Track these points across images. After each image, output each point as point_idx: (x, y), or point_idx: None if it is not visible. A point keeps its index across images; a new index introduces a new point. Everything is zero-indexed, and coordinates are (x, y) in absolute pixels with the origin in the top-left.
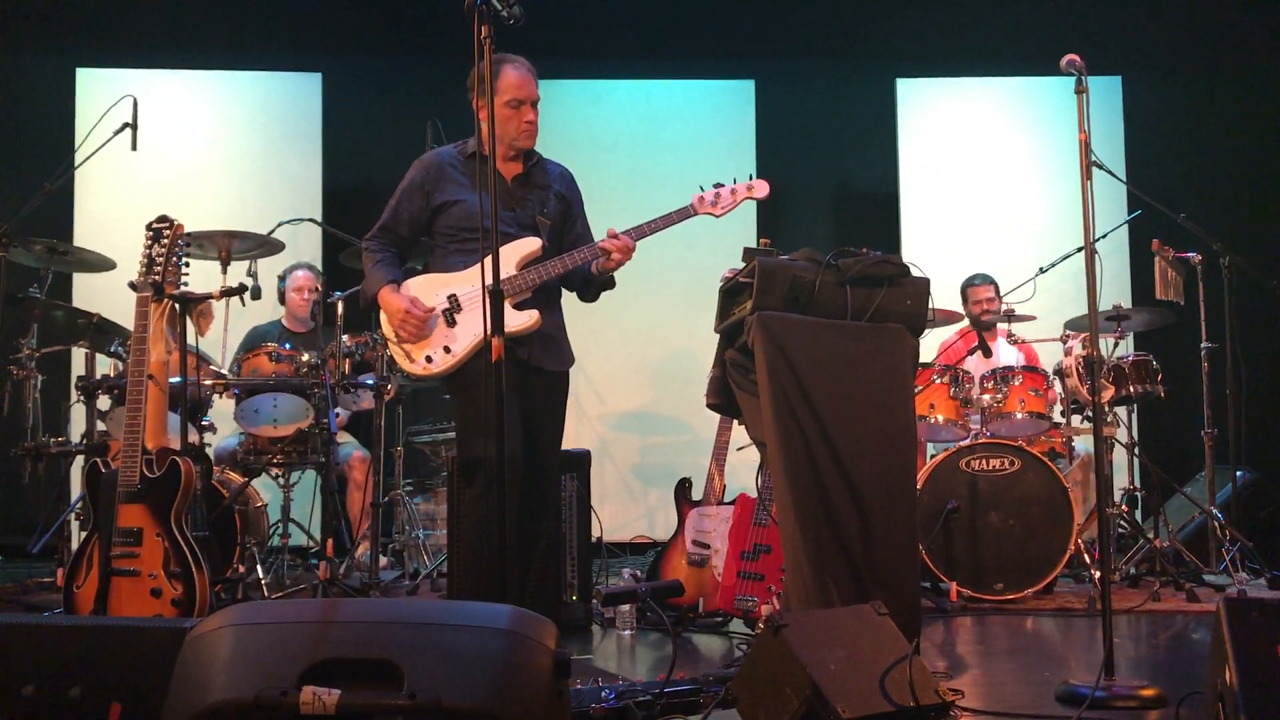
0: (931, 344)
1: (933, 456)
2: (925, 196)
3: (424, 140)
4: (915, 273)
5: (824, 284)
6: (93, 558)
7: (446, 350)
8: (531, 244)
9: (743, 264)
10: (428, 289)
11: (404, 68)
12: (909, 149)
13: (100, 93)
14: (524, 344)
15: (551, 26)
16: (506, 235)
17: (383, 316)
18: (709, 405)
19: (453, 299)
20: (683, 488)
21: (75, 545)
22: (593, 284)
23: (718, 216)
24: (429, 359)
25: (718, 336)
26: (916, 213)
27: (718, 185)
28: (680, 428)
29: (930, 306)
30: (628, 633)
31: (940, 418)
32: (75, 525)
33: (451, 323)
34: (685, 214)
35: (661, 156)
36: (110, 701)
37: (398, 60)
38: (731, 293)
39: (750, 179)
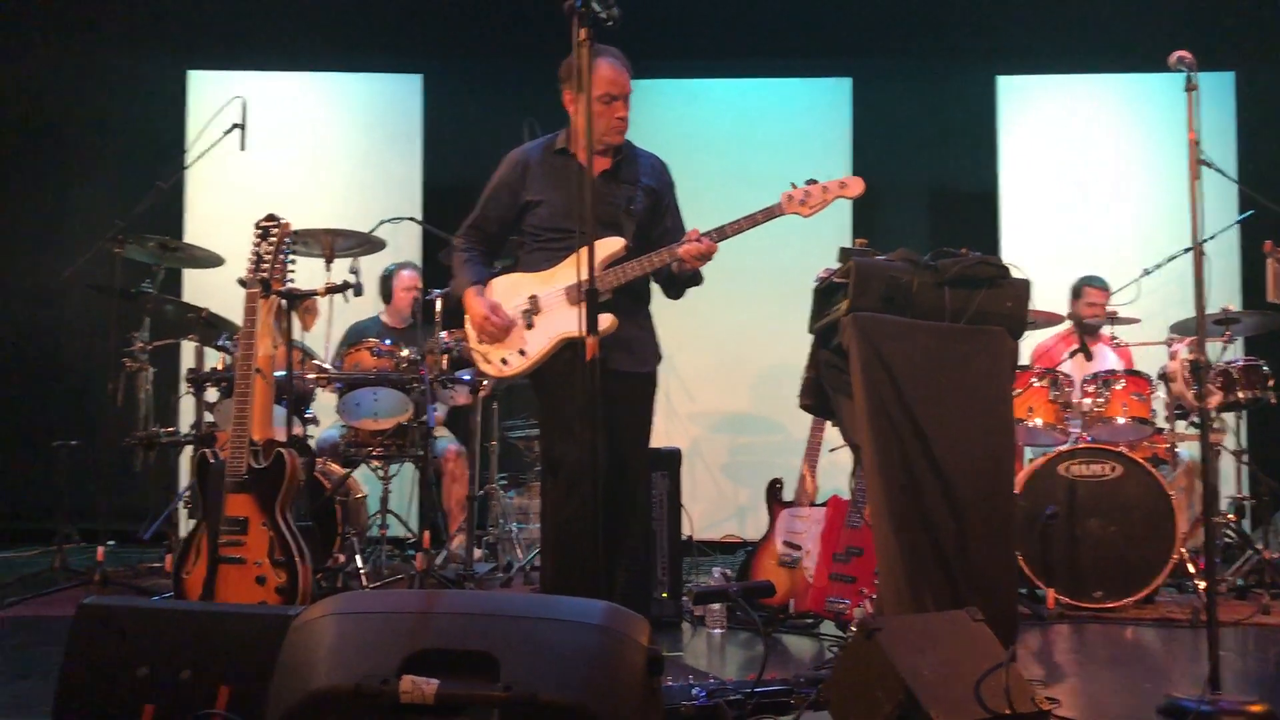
0: (1027, 346)
1: (1030, 461)
2: (1025, 196)
3: (521, 140)
4: (1015, 274)
5: (922, 285)
6: (201, 545)
7: (521, 353)
8: (615, 244)
9: (838, 264)
10: (510, 289)
11: (502, 68)
12: (1009, 147)
13: (211, 94)
14: (601, 346)
15: (647, 26)
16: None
17: (466, 317)
18: (802, 406)
19: (532, 300)
20: (774, 488)
21: (183, 532)
22: (676, 282)
23: (806, 216)
24: (504, 361)
25: (812, 337)
26: (1016, 212)
27: (810, 182)
28: (772, 428)
29: (1030, 308)
30: (718, 631)
31: (1039, 421)
32: (183, 513)
33: (529, 324)
34: (772, 213)
35: (756, 156)
36: (219, 685)
37: (496, 61)
38: (826, 293)
39: (843, 175)
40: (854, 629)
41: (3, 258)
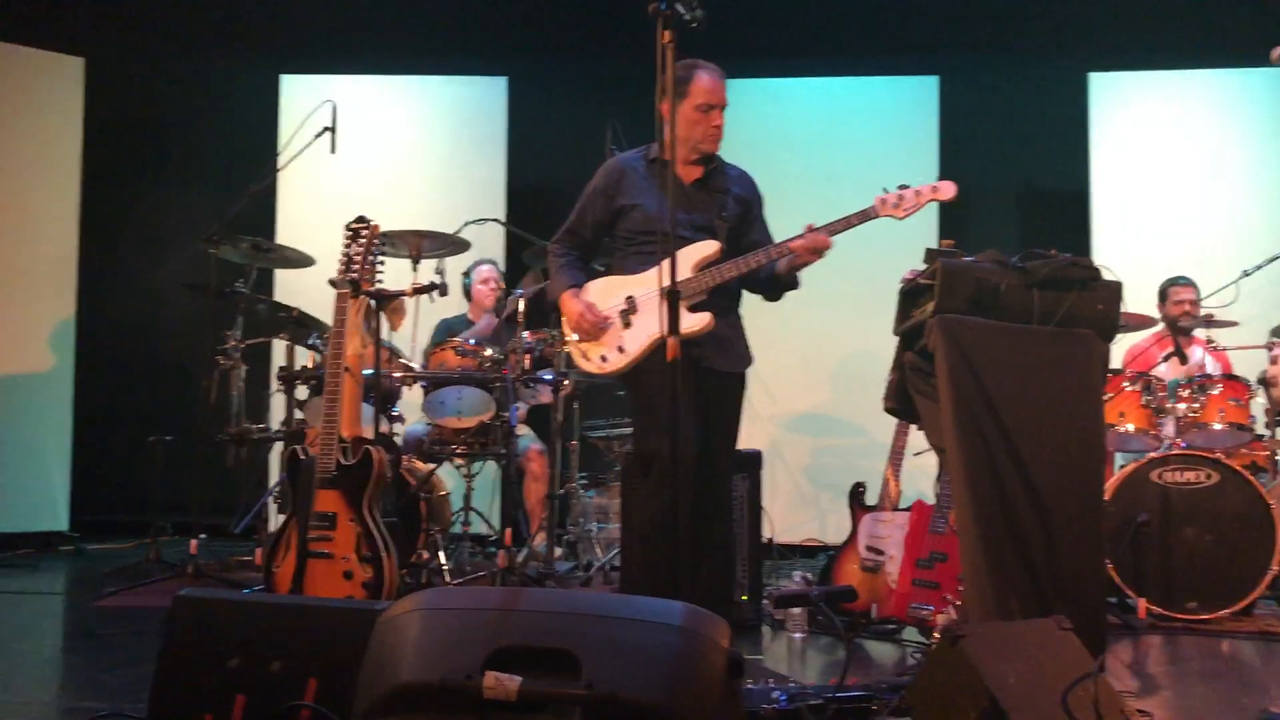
0: (1120, 349)
1: (1122, 467)
2: (1118, 196)
3: (603, 142)
4: (1107, 276)
5: (1010, 287)
6: (291, 540)
7: (620, 350)
8: (709, 247)
9: (924, 265)
10: (606, 291)
11: (585, 70)
12: (1101, 146)
13: (302, 98)
14: (697, 345)
15: (729, 26)
16: (684, 239)
17: (563, 317)
18: (886, 409)
19: (629, 300)
20: (857, 492)
21: (273, 527)
22: (778, 283)
23: (900, 219)
24: (604, 358)
25: (896, 339)
26: (1108, 213)
27: (902, 187)
28: (854, 430)
29: (1122, 310)
30: (798, 635)
31: (1130, 427)
32: (273, 508)
33: (627, 324)
34: (867, 216)
35: (841, 155)
36: (308, 677)
37: (580, 63)
38: (912, 294)
39: (936, 180)
40: (938, 635)
41: (104, 258)
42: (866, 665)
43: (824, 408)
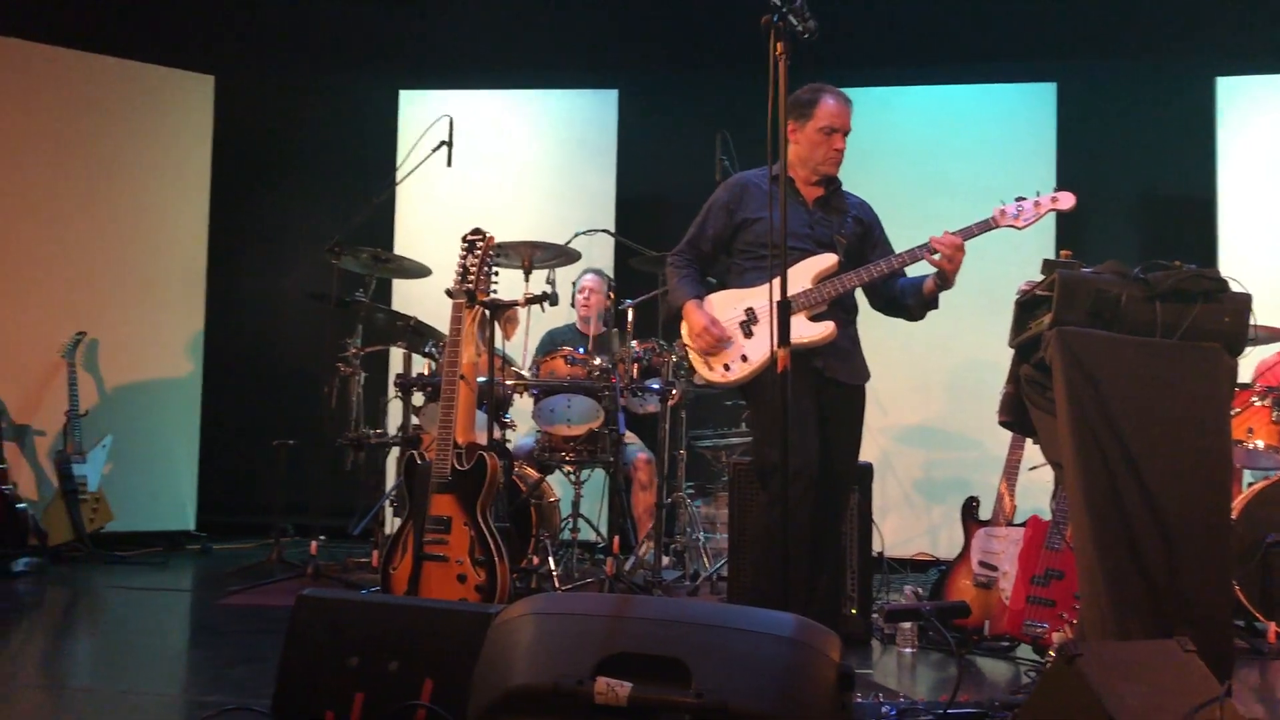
0: (1250, 363)
1: (1250, 485)
2: (1247, 204)
3: (713, 153)
4: (1235, 287)
5: (1131, 299)
6: (407, 542)
7: (743, 360)
8: (828, 259)
9: (1041, 276)
10: (727, 303)
11: (696, 82)
12: (1229, 152)
13: (419, 113)
14: (820, 355)
15: (843, 36)
16: (804, 252)
17: (684, 327)
18: (1001, 423)
19: (749, 312)
20: (970, 506)
21: (389, 530)
22: (921, 300)
23: (1020, 229)
24: (727, 368)
25: (1012, 351)
26: (1236, 221)
27: (1019, 199)
28: (967, 444)
29: (1251, 324)
30: (909, 651)
31: (1259, 443)
32: (389, 511)
33: (749, 334)
34: (986, 226)
35: (954, 164)
36: (424, 677)
37: (690, 75)
38: (1028, 306)
39: (1054, 190)
40: (1053, 654)
41: (231, 268)
42: (978, 682)
43: (937, 420)
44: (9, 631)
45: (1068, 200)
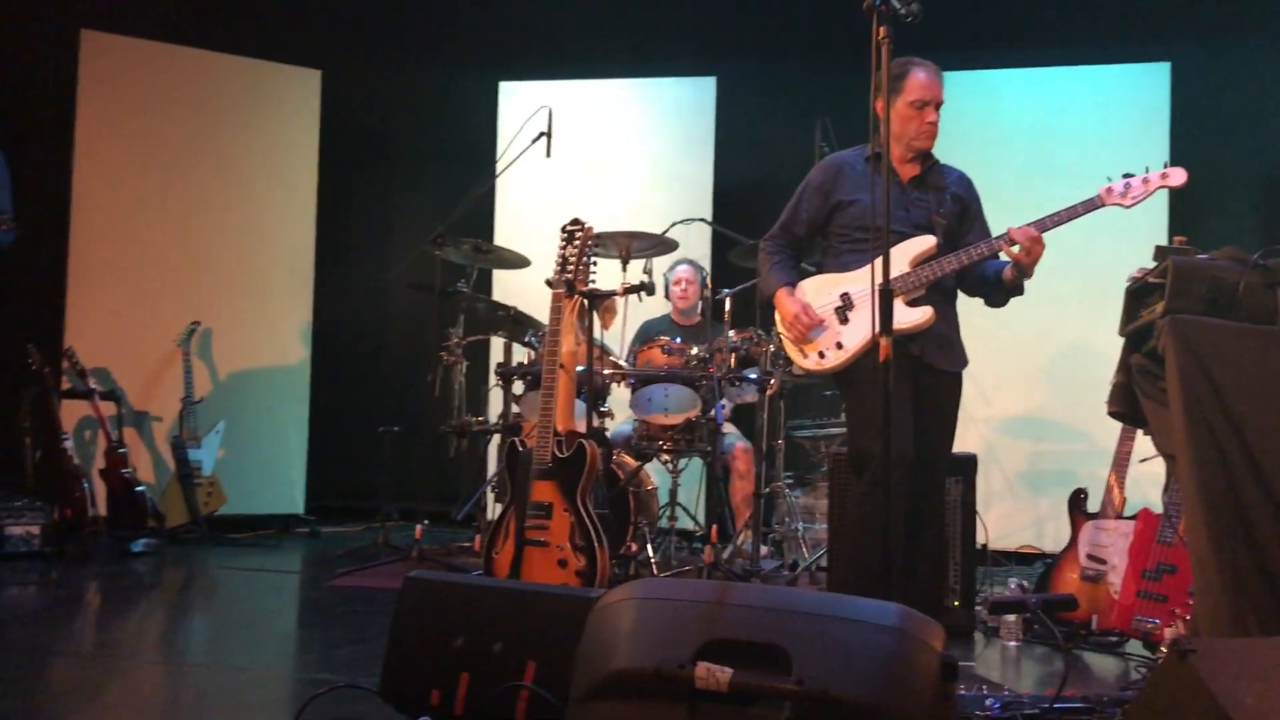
0: None
1: None
2: None
3: (813, 140)
4: None
5: (1249, 286)
6: (509, 528)
7: (839, 346)
8: (925, 242)
9: (1154, 263)
10: (821, 288)
11: (795, 69)
12: None
13: (519, 104)
14: (916, 341)
15: (945, 17)
16: (900, 234)
17: (777, 315)
18: (1110, 413)
19: (845, 297)
20: (1077, 498)
21: (491, 515)
22: (1002, 289)
23: (1127, 208)
24: (821, 355)
25: (1122, 340)
26: None
27: (1127, 176)
28: (1074, 435)
29: None
30: (1013, 644)
31: None
32: (490, 497)
33: (844, 320)
34: (1091, 205)
35: (1060, 147)
36: (527, 659)
37: (789, 61)
38: (1140, 294)
39: (1164, 167)
40: (1164, 650)
41: (337, 259)
42: (1086, 677)
43: (1042, 411)
44: (130, 609)
45: (1179, 176)
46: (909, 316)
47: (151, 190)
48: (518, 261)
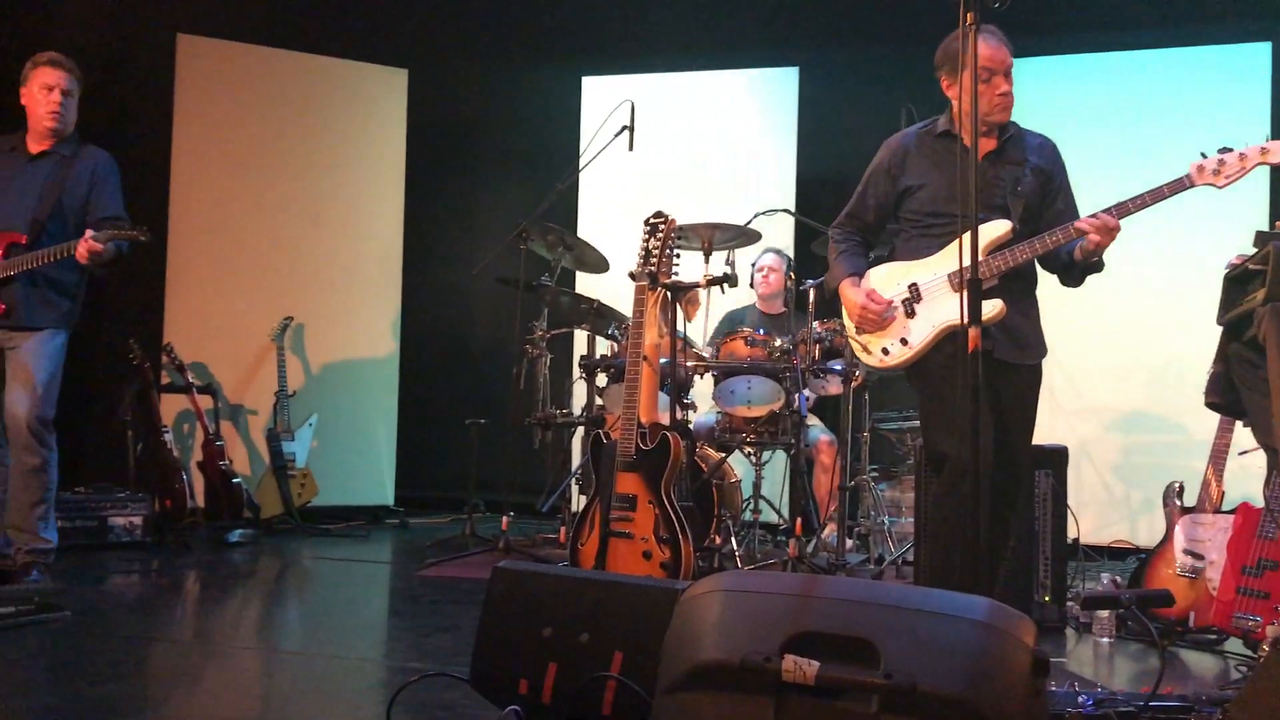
0: None
1: None
2: None
3: (898, 127)
4: None
5: None
6: (594, 519)
7: (903, 342)
8: (1000, 227)
9: (1254, 249)
10: (889, 279)
11: (879, 57)
12: None
13: (601, 98)
14: (987, 335)
15: (1029, 4)
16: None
17: (843, 309)
18: (1208, 404)
19: (913, 288)
20: (1173, 492)
21: (575, 507)
22: (1075, 268)
23: (1220, 188)
24: (885, 351)
25: (1220, 328)
26: None
27: (1223, 150)
28: (1169, 427)
29: None
30: (1106, 640)
31: None
32: (575, 488)
33: (910, 313)
34: (1180, 186)
35: (1152, 129)
36: (614, 650)
37: (872, 49)
38: (1239, 280)
39: (1265, 141)
40: (1266, 648)
41: (424, 255)
42: (1183, 675)
43: (1136, 402)
44: (227, 598)
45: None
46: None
47: (245, 189)
48: (598, 264)
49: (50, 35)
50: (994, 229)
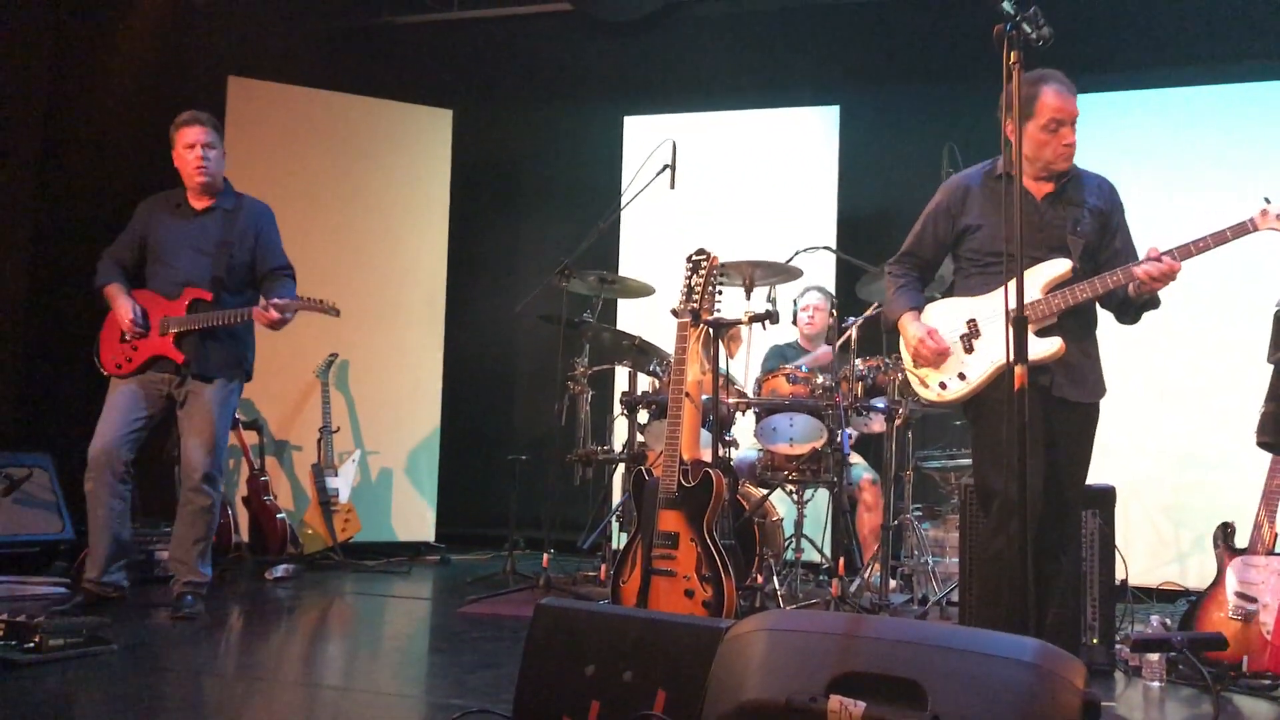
0: None
1: None
2: None
3: (938, 167)
4: None
5: None
6: (636, 557)
7: (961, 377)
8: (1060, 266)
9: None
10: (947, 314)
11: (920, 95)
12: None
13: (643, 137)
14: (1046, 372)
15: (1076, 39)
16: (1033, 259)
17: (901, 343)
18: (1259, 443)
19: (971, 324)
20: (1225, 533)
21: (615, 544)
22: (1131, 306)
23: None
24: (943, 385)
25: (1271, 367)
26: None
27: None
28: (1221, 466)
29: None
30: (1156, 684)
31: None
32: (615, 525)
33: (969, 348)
34: (1242, 230)
35: (1200, 166)
36: (657, 688)
37: (913, 88)
38: None
39: None
40: None
41: (468, 292)
42: None
43: (1185, 441)
44: (270, 632)
45: None
46: (1039, 348)
47: (293, 227)
48: (642, 290)
49: (106, 80)
50: (1054, 268)
